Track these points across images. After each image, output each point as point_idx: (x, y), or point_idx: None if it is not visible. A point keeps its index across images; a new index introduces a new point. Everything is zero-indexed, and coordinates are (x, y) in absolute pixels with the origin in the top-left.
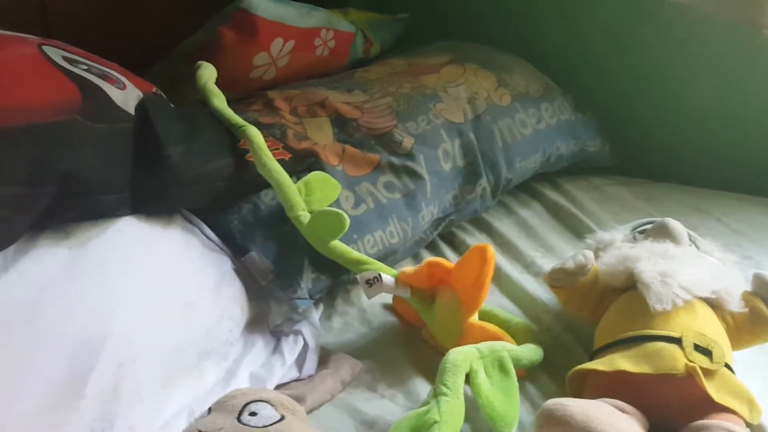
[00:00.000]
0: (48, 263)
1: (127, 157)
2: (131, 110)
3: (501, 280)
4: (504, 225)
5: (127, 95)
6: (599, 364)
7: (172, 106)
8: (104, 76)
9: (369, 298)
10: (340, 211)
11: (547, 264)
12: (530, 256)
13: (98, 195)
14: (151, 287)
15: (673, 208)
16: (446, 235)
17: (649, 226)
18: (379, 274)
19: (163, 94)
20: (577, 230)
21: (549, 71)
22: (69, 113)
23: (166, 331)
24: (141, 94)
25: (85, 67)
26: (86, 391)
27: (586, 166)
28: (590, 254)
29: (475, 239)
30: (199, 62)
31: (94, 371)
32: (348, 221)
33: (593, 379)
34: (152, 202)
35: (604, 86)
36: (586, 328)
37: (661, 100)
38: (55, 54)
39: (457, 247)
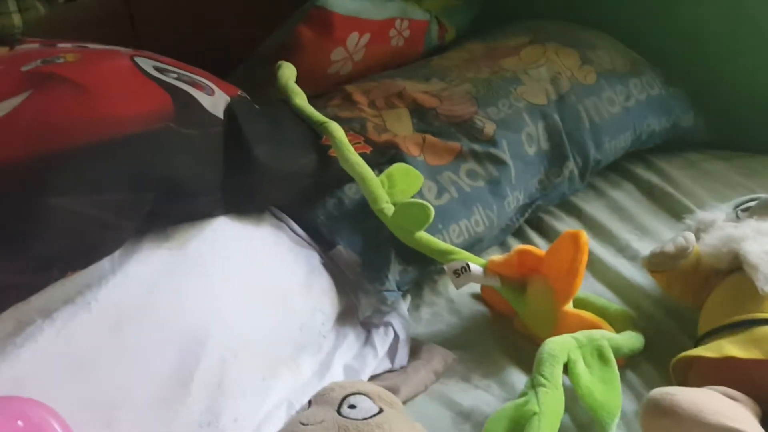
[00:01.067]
0: (152, 265)
1: (219, 159)
2: (220, 114)
3: (594, 265)
4: (594, 208)
5: (215, 100)
6: (706, 351)
7: (257, 107)
8: (193, 83)
9: (457, 288)
10: (424, 201)
11: (643, 247)
12: (625, 239)
13: (194, 198)
14: (248, 283)
15: None
16: (534, 220)
17: (752, 204)
18: (467, 264)
19: (247, 96)
20: (673, 210)
21: (635, 45)
22: (163, 121)
23: (264, 325)
24: (228, 98)
25: (175, 76)
26: (193, 385)
27: (680, 142)
28: (691, 236)
29: (564, 224)
30: (279, 62)
31: (199, 366)
32: (433, 211)
33: (700, 367)
34: (244, 201)
35: (695, 56)
36: (689, 314)
37: (758, 66)
38: (147, 64)
39: (546, 232)
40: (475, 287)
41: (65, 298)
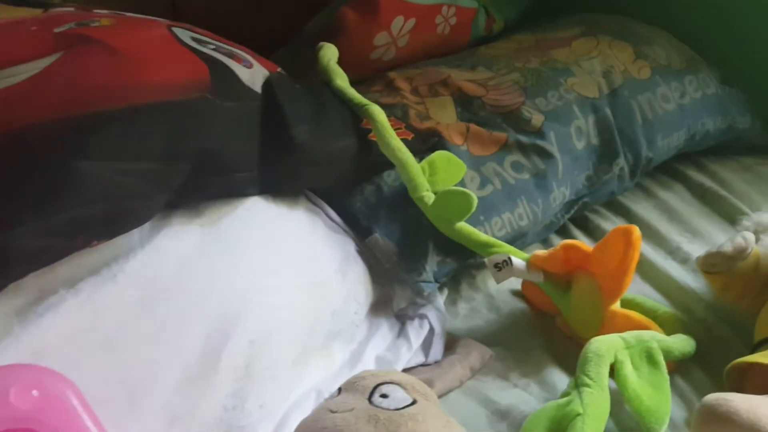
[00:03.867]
0: (183, 240)
1: (256, 135)
2: (258, 89)
3: (643, 266)
4: (643, 208)
5: (253, 74)
6: (763, 357)
7: (297, 86)
8: (231, 55)
9: (498, 282)
10: (466, 190)
11: (694, 250)
12: (675, 241)
13: (230, 173)
14: (281, 266)
15: None
16: (579, 219)
17: None
18: (510, 258)
19: (286, 74)
20: (727, 214)
21: (692, 42)
22: (200, 91)
23: (296, 310)
24: (267, 73)
25: (213, 47)
26: (220, 367)
27: (734, 145)
28: (750, 236)
29: (611, 223)
30: (321, 43)
31: (228, 347)
32: (476, 201)
33: (756, 374)
34: (280, 181)
35: (754, 58)
36: (744, 319)
37: None
38: (184, 35)
39: (591, 232)
40: (516, 283)
41: (91, 269)
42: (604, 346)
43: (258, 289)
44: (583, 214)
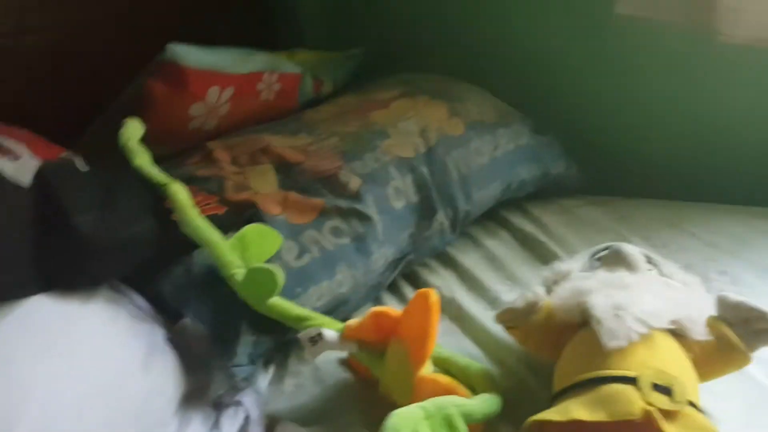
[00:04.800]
0: None
1: (27, 233)
2: (27, 182)
3: (464, 320)
4: (470, 258)
5: (22, 165)
6: (553, 414)
7: (85, 171)
8: (1, 149)
9: (313, 357)
10: (272, 266)
11: (512, 299)
12: (496, 291)
13: (1, 276)
14: (70, 370)
15: (646, 225)
16: (409, 274)
17: (604, 253)
18: (321, 331)
19: (78, 157)
20: (545, 259)
21: (506, 96)
22: None
23: (90, 418)
24: (39, 162)
25: None
26: None
27: (555, 189)
28: (540, 290)
29: (438, 276)
30: (125, 121)
31: None
32: (282, 277)
33: (551, 429)
34: (67, 277)
35: (568, 106)
36: (552, 370)
37: (625, 113)
38: None
39: (421, 286)
40: (340, 354)
41: None
42: (402, 421)
43: (39, 399)
44: (413, 269)
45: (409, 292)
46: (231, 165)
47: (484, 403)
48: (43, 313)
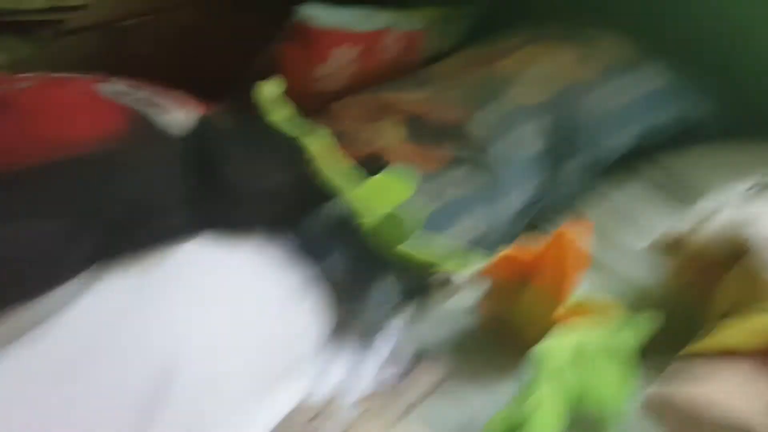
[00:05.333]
0: (113, 296)
1: (183, 180)
2: (182, 133)
3: (597, 266)
4: (598, 209)
5: (178, 118)
6: (707, 344)
7: (230, 124)
8: (153, 104)
9: (444, 300)
10: (407, 212)
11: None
12: (629, 240)
13: (157, 221)
14: (224, 311)
15: None
16: (535, 225)
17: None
18: (454, 274)
19: (222, 114)
20: (681, 207)
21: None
22: (116, 142)
23: (243, 356)
24: (194, 116)
25: (136, 97)
26: (163, 424)
27: (689, 135)
28: (701, 218)
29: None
30: (262, 82)
31: (169, 404)
32: (414, 223)
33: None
34: (217, 223)
35: (708, 47)
36: (696, 314)
37: None
38: (106, 87)
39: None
40: (471, 297)
41: (6, 336)
42: (552, 349)
43: (198, 340)
44: (539, 220)
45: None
46: (355, 121)
47: (631, 336)
48: (197, 257)
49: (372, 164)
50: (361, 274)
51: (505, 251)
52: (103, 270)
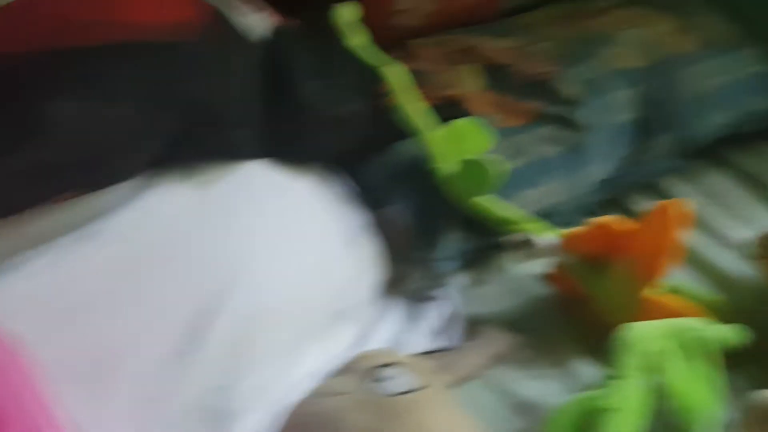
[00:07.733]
0: (173, 202)
1: (256, 90)
2: (261, 39)
3: (688, 253)
4: (687, 192)
5: (258, 22)
6: None
7: (309, 40)
8: (231, 3)
9: (520, 263)
10: (491, 161)
11: (742, 236)
12: (722, 227)
13: (225, 129)
14: (282, 239)
15: None
16: (616, 201)
17: None
18: (534, 237)
19: (299, 28)
20: None
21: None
22: (191, 34)
23: (297, 287)
24: (274, 24)
25: None
26: (208, 342)
27: None
28: None
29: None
30: (340, 4)
31: (218, 323)
32: (500, 173)
33: None
34: (283, 144)
35: None
36: None
37: None
38: None
39: (628, 216)
40: (544, 265)
41: (62, 227)
42: (642, 335)
43: (255, 261)
44: (620, 196)
45: None
46: (435, 62)
47: (727, 332)
48: (262, 177)
49: (450, 109)
50: (426, 226)
51: (598, 219)
52: (165, 173)
